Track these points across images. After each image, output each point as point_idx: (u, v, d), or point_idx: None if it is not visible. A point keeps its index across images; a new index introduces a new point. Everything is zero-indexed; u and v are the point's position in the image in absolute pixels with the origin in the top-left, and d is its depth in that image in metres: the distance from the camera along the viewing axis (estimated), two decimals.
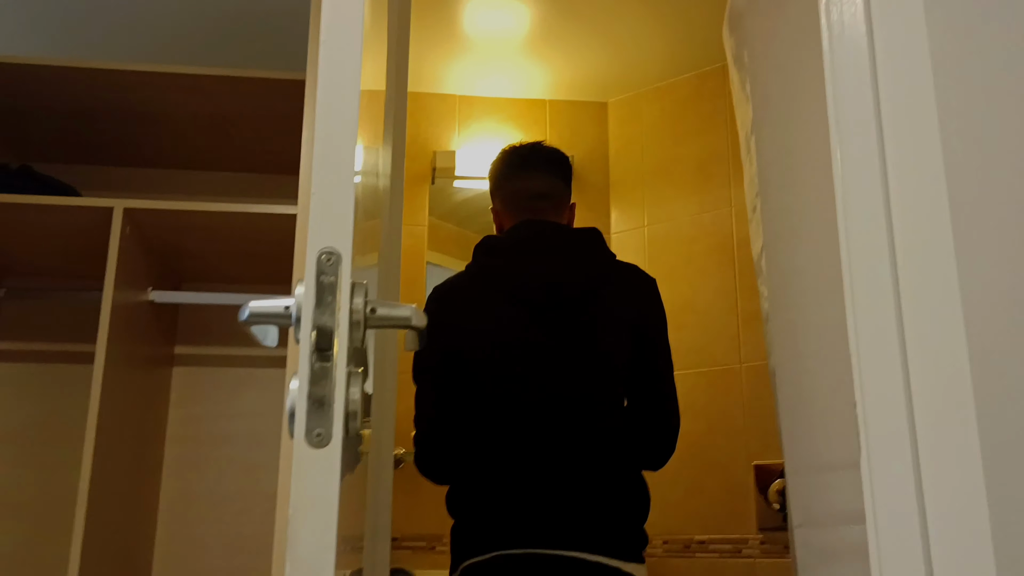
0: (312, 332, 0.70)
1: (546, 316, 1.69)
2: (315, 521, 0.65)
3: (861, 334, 0.99)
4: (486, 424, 1.68)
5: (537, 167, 1.87)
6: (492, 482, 1.64)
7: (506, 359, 1.68)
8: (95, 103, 2.11)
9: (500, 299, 1.71)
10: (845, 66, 1.05)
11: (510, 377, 1.67)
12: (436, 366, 1.73)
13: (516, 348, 1.69)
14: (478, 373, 1.69)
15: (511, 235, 1.79)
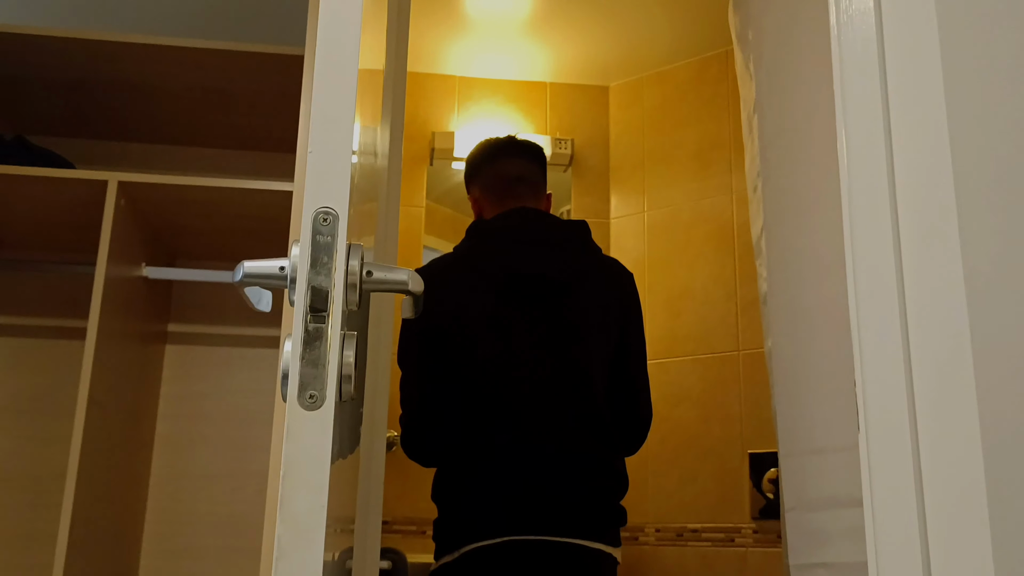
0: (307, 292, 0.68)
1: (533, 304, 1.72)
2: (308, 481, 0.64)
3: (862, 314, 0.98)
4: (474, 408, 1.68)
5: (513, 153, 1.92)
6: (484, 468, 1.65)
7: (493, 344, 1.70)
8: (92, 75, 2.09)
9: (489, 284, 1.73)
10: (853, 42, 1.03)
11: (496, 362, 1.69)
12: (422, 346, 1.73)
13: (503, 333, 1.70)
14: (464, 357, 1.70)
15: (503, 222, 1.81)
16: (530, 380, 1.68)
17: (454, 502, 1.68)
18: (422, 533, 2.63)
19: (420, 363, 1.73)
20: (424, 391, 1.73)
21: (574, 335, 1.72)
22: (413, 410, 1.74)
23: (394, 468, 2.68)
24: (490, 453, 1.64)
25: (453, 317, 1.71)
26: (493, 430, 1.65)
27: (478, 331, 1.70)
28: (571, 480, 1.64)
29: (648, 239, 2.96)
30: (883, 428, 0.94)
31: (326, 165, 0.70)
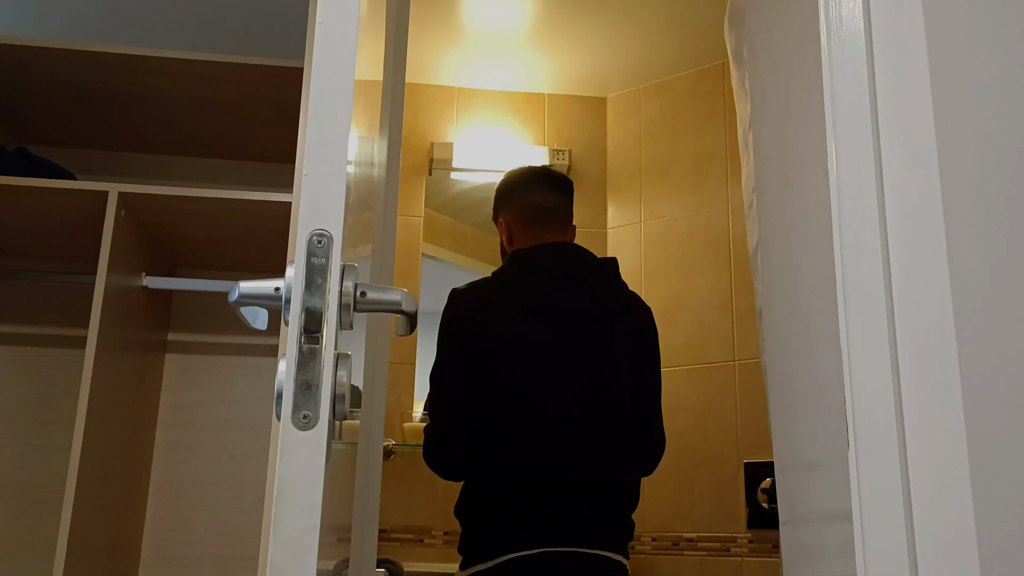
0: (301, 314, 0.69)
1: (571, 336, 1.85)
2: (300, 502, 0.65)
3: (851, 330, 0.99)
4: (513, 431, 1.78)
5: (547, 185, 2.03)
6: (523, 487, 1.75)
7: (534, 372, 1.81)
8: (93, 86, 2.10)
9: (533, 315, 1.84)
10: (843, 63, 1.05)
11: (537, 389, 1.80)
12: (466, 368, 1.81)
13: (544, 362, 1.82)
14: (506, 382, 1.80)
15: (546, 255, 1.92)
16: (567, 407, 1.80)
17: (491, 516, 1.76)
18: (419, 541, 2.64)
19: (462, 383, 1.82)
20: (463, 410, 1.81)
21: (605, 367, 1.86)
22: (449, 427, 1.82)
23: (392, 477, 2.70)
24: (529, 474, 1.75)
25: (499, 343, 1.82)
26: (533, 453, 1.76)
27: (521, 358, 1.81)
28: (599, 499, 1.78)
29: (645, 249, 2.97)
30: (872, 444, 0.95)
31: (320, 188, 0.71)
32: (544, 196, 2.00)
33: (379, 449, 1.55)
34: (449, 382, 1.83)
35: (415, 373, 2.83)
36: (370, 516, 1.46)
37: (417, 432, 2.74)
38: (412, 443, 2.73)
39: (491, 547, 1.74)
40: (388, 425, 2.70)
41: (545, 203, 1.99)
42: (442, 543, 2.68)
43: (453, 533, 2.68)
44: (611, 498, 1.81)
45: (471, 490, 1.82)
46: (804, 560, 1.46)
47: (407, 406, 2.80)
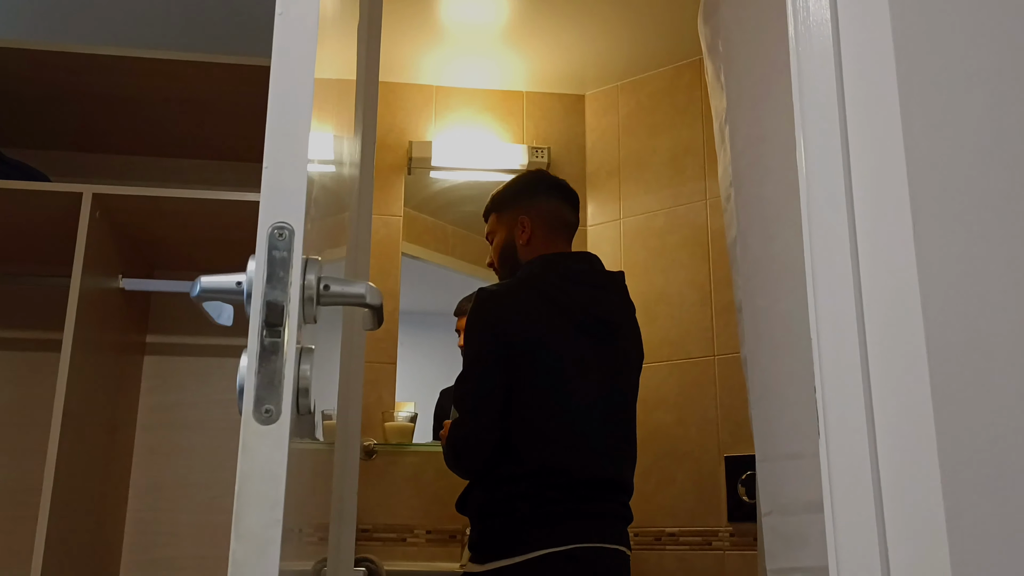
0: (262, 307, 0.69)
1: (598, 342, 1.95)
2: (262, 496, 0.64)
3: (821, 322, 0.99)
4: (547, 431, 1.85)
5: (569, 200, 2.14)
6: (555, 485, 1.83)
7: (569, 375, 1.90)
8: (67, 87, 2.09)
9: (568, 320, 1.93)
10: (810, 54, 1.05)
11: (570, 392, 1.89)
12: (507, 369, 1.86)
13: (576, 366, 1.91)
14: (543, 384, 1.87)
15: (575, 264, 2.04)
16: (594, 409, 1.91)
17: (518, 513, 1.82)
18: (402, 540, 2.63)
19: (499, 382, 1.86)
20: (497, 408, 1.85)
21: (623, 372, 2.00)
22: (483, 424, 1.86)
23: (373, 476, 2.69)
24: (560, 472, 1.83)
25: (538, 344, 1.89)
26: (563, 452, 1.85)
27: (557, 360, 1.89)
28: (615, 497, 1.92)
29: (624, 245, 2.97)
30: (842, 434, 0.96)
31: (281, 180, 0.71)
32: (568, 211, 2.11)
33: (356, 448, 1.54)
34: (487, 380, 1.87)
35: (396, 372, 2.83)
36: (347, 515, 1.45)
37: (398, 431, 2.74)
38: (394, 442, 2.73)
39: (521, 543, 1.79)
40: (369, 424, 2.69)
41: (569, 220, 2.11)
42: (425, 542, 2.67)
43: (436, 531, 2.68)
44: (622, 496, 1.94)
45: (497, 487, 1.86)
46: (787, 550, 1.46)
47: (388, 405, 2.79)
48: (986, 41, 0.99)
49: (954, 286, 0.93)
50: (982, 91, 0.98)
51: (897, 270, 0.94)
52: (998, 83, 0.98)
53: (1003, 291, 0.93)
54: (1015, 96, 0.98)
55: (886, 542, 0.91)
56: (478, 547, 1.88)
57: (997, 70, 0.98)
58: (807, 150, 1.04)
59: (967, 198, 0.95)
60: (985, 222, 0.94)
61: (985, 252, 0.94)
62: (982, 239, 0.94)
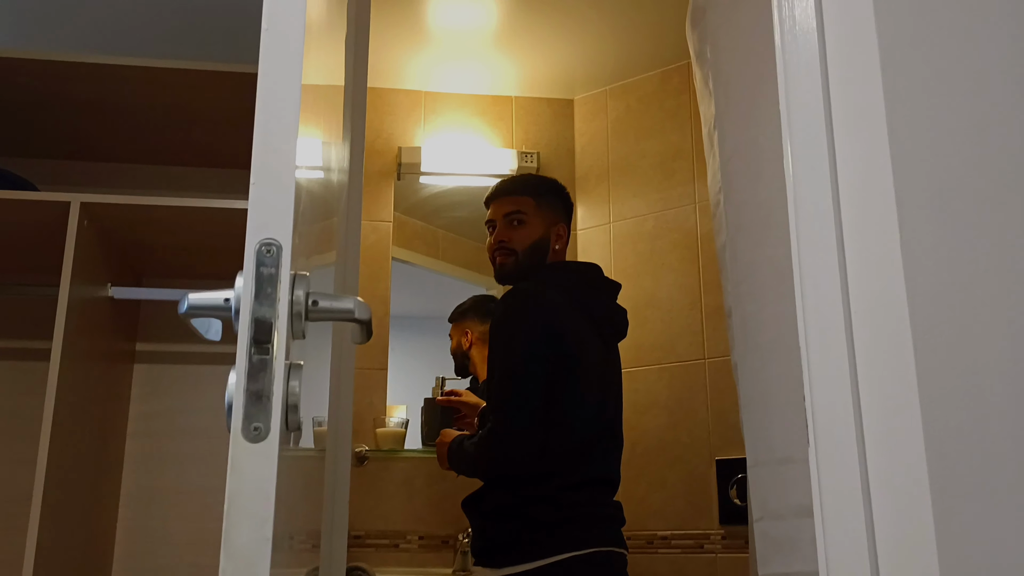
0: (250, 324, 0.69)
1: (609, 350, 2.04)
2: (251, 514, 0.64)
3: (809, 327, 1.00)
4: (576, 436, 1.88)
5: None
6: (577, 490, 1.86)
7: (595, 381, 1.95)
8: (53, 95, 2.08)
9: (594, 328, 2.00)
10: (796, 60, 1.05)
11: (596, 397, 1.94)
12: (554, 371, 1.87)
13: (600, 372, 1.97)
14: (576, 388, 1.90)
15: (595, 272, 2.10)
16: (610, 413, 1.98)
17: (541, 516, 1.82)
18: (395, 547, 2.63)
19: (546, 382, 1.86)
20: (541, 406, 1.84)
21: (618, 378, 2.07)
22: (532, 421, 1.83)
23: (365, 482, 2.69)
24: (584, 475, 1.87)
25: (580, 349, 1.93)
26: (588, 456, 1.90)
27: (589, 365, 1.94)
28: (616, 500, 1.98)
29: (614, 249, 2.98)
30: (831, 439, 0.96)
31: (268, 197, 0.71)
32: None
33: (347, 455, 1.54)
34: (536, 382, 1.84)
35: (387, 378, 2.82)
36: (339, 523, 1.45)
37: (390, 437, 2.73)
38: (386, 448, 2.72)
39: (540, 546, 1.79)
40: (361, 431, 2.69)
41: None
42: (417, 547, 2.67)
43: (429, 537, 2.68)
44: (614, 496, 1.99)
45: (517, 489, 1.84)
46: (778, 555, 1.47)
47: (380, 411, 2.79)
48: (971, 47, 1.00)
49: (941, 291, 0.93)
50: (967, 96, 0.98)
51: (884, 275, 0.95)
52: (983, 88, 0.98)
53: (990, 296, 0.93)
54: (999, 101, 0.98)
55: (875, 546, 0.91)
56: (491, 552, 1.84)
57: (982, 75, 0.99)
58: (794, 156, 1.04)
59: (953, 203, 0.96)
60: (971, 226, 0.95)
61: (972, 256, 0.94)
62: (969, 244, 0.95)
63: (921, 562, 0.88)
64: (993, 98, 0.98)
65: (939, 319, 0.92)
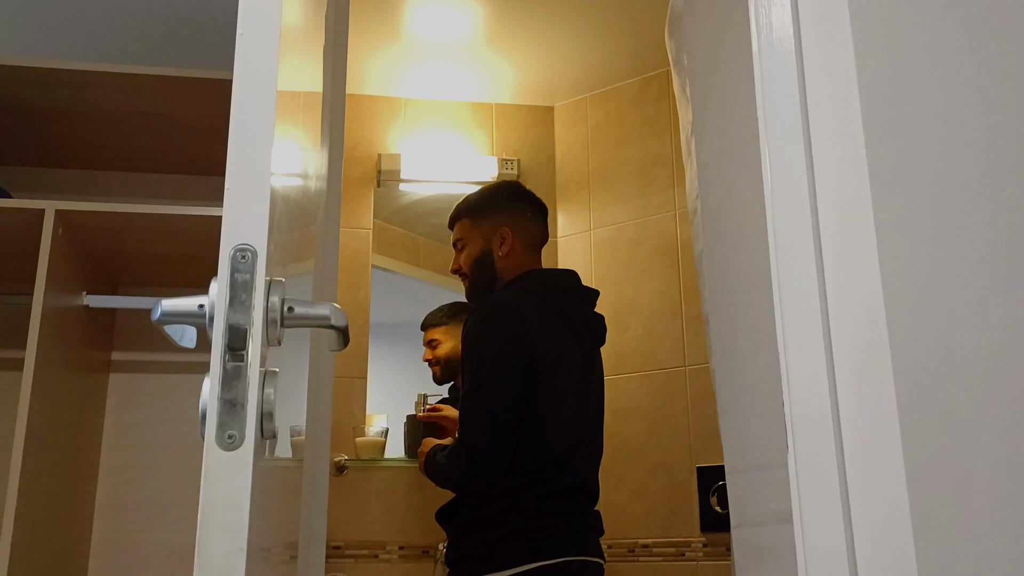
0: (224, 331, 0.68)
1: (587, 356, 2.01)
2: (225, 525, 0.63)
3: (788, 334, 1.00)
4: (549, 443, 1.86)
5: (545, 217, 2.18)
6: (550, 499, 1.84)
7: (571, 387, 1.93)
8: (28, 102, 2.06)
9: (570, 333, 1.97)
10: (773, 67, 1.06)
11: (571, 403, 1.92)
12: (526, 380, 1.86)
13: (576, 378, 1.95)
14: (547, 396, 1.88)
15: (569, 278, 2.09)
16: (585, 422, 1.96)
17: (512, 526, 1.81)
18: (374, 557, 2.61)
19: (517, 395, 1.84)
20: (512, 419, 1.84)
21: (597, 386, 2.04)
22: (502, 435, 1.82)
23: (345, 493, 2.67)
24: (557, 485, 1.85)
25: (556, 359, 1.91)
26: (560, 465, 1.87)
27: (562, 374, 1.91)
28: (592, 508, 1.95)
29: (594, 256, 2.98)
30: (810, 445, 0.96)
31: (242, 202, 0.70)
32: (545, 231, 2.16)
33: (325, 465, 1.53)
34: (507, 393, 1.83)
35: (367, 387, 2.81)
36: (317, 533, 1.44)
37: (370, 446, 2.72)
38: (365, 458, 2.71)
39: (510, 556, 1.78)
40: (341, 440, 2.67)
41: (545, 236, 2.16)
42: (397, 558, 2.65)
43: (408, 547, 2.66)
44: (593, 505, 1.97)
45: (492, 499, 1.84)
46: (756, 562, 1.47)
47: (359, 420, 2.77)
48: (945, 51, 1.00)
49: (918, 294, 0.93)
50: (943, 101, 0.99)
51: (862, 281, 0.95)
52: (957, 92, 0.99)
53: (966, 301, 0.94)
54: (974, 104, 0.99)
55: (854, 552, 0.91)
56: (462, 562, 1.85)
57: (956, 80, 0.99)
58: (772, 162, 1.05)
59: (929, 206, 0.96)
60: (948, 230, 0.95)
61: (948, 260, 0.95)
62: (945, 247, 0.95)
63: (900, 567, 0.88)
64: (967, 102, 0.99)
65: (916, 323, 0.92)
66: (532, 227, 2.11)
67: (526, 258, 2.06)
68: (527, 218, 2.10)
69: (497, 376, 1.84)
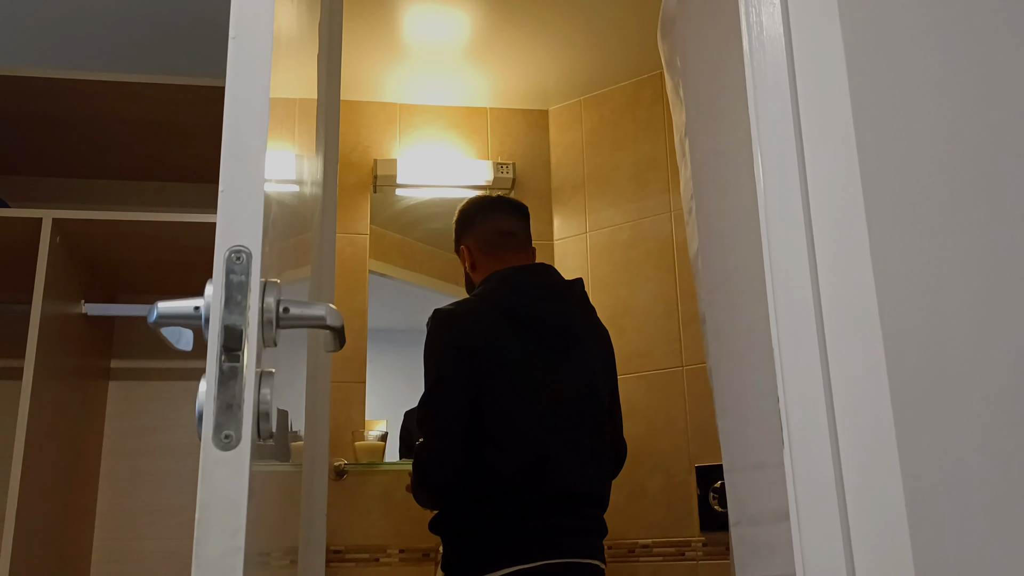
0: (220, 332, 0.68)
1: (558, 352, 1.94)
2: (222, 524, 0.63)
3: (782, 332, 1.00)
4: (511, 445, 1.84)
5: (505, 210, 2.13)
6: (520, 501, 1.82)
7: (529, 387, 1.88)
8: (23, 111, 2.06)
9: (524, 332, 1.92)
10: (764, 67, 1.06)
11: (531, 403, 1.87)
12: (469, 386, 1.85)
13: (536, 377, 1.90)
14: (504, 398, 1.86)
15: (526, 276, 2.00)
16: (559, 422, 1.89)
17: (488, 531, 1.81)
18: (375, 560, 2.61)
19: (463, 403, 1.85)
20: (460, 429, 1.84)
21: (588, 381, 1.96)
22: (446, 445, 1.84)
23: (345, 496, 2.67)
24: (528, 489, 1.82)
25: (498, 361, 1.87)
26: (531, 468, 1.83)
27: (518, 376, 1.88)
28: (586, 511, 1.89)
29: (590, 259, 2.99)
30: (806, 444, 0.96)
31: (237, 203, 0.70)
32: (504, 220, 2.09)
33: (324, 468, 1.53)
34: (451, 400, 1.85)
35: (365, 391, 2.81)
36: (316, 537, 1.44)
37: (369, 450, 2.72)
38: (364, 462, 2.71)
39: (489, 561, 1.78)
40: (339, 444, 2.68)
41: (506, 227, 2.09)
42: (398, 561, 2.65)
43: (409, 551, 2.66)
44: (594, 508, 1.92)
45: (466, 506, 1.84)
46: (755, 560, 1.47)
47: (358, 424, 2.77)
48: (936, 51, 1.01)
49: (910, 294, 0.94)
50: (933, 100, 1.00)
51: (855, 280, 0.95)
52: (948, 91, 1.00)
53: (958, 299, 0.94)
54: (965, 103, 0.99)
55: (851, 549, 0.91)
56: (448, 568, 1.87)
57: (947, 78, 1.00)
58: (764, 163, 1.05)
59: (922, 205, 0.96)
60: (940, 229, 0.96)
61: (941, 258, 0.95)
62: (938, 246, 0.95)
63: (897, 564, 0.88)
64: (957, 99, 1.00)
65: (910, 320, 0.93)
66: (483, 228, 2.09)
67: (492, 261, 2.06)
68: (477, 223, 2.11)
69: (438, 387, 1.87)
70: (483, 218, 2.11)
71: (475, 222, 2.11)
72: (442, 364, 1.88)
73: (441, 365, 1.88)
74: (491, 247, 2.07)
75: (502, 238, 2.08)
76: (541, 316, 1.94)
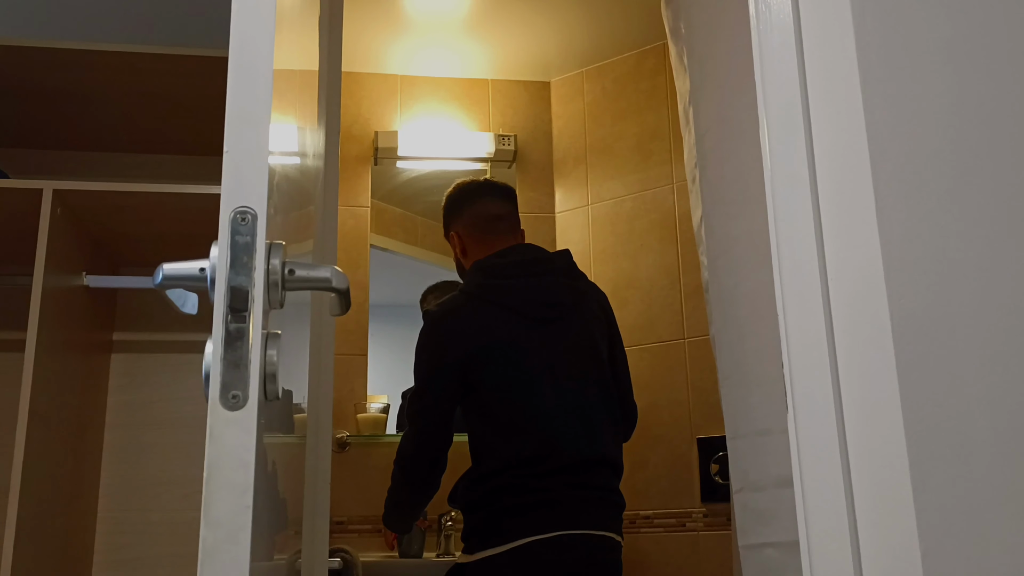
0: (226, 293, 0.68)
1: (547, 326, 1.95)
2: (232, 483, 0.64)
3: (787, 300, 1.00)
4: (511, 424, 1.88)
5: (491, 194, 2.15)
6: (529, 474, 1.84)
7: (520, 365, 1.91)
8: (25, 83, 2.05)
9: (508, 314, 1.94)
10: (771, 35, 1.06)
11: (524, 380, 1.89)
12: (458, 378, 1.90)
13: (527, 354, 1.92)
14: (496, 379, 1.90)
15: (505, 259, 2.02)
16: (560, 392, 1.90)
17: (502, 504, 1.84)
18: (377, 531, 2.63)
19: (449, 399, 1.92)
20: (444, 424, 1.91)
21: (584, 350, 1.97)
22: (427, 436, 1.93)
23: (347, 468, 2.68)
24: (537, 460, 1.85)
25: (493, 348, 1.91)
26: (537, 440, 1.86)
27: (510, 357, 1.91)
28: (600, 478, 1.90)
29: (593, 231, 2.98)
30: (810, 410, 0.97)
31: (242, 164, 0.70)
32: (492, 204, 2.11)
33: (328, 439, 1.54)
34: (438, 398, 1.92)
35: (367, 364, 2.82)
36: (321, 507, 1.45)
37: (371, 423, 2.73)
38: (367, 434, 2.72)
39: (506, 531, 1.81)
40: (342, 416, 2.68)
41: (493, 210, 2.11)
42: None
43: None
44: (609, 476, 1.93)
45: (479, 483, 1.89)
46: (758, 525, 1.48)
47: (360, 397, 2.78)
48: (946, 18, 1.00)
49: (917, 261, 0.94)
50: (942, 67, 0.99)
51: (861, 247, 0.95)
52: (958, 59, 0.99)
53: (965, 266, 0.94)
54: (973, 69, 0.99)
55: (855, 514, 0.92)
56: (467, 539, 1.91)
57: (957, 47, 0.99)
58: (770, 129, 1.04)
59: (929, 174, 0.96)
60: (947, 198, 0.96)
61: (947, 228, 0.95)
62: (944, 215, 0.95)
63: (900, 528, 0.88)
64: (966, 70, 0.99)
65: (915, 289, 0.93)
66: (477, 213, 2.12)
67: (481, 246, 2.08)
68: (464, 208, 2.13)
69: (426, 384, 1.94)
70: (471, 204, 2.13)
71: (463, 208, 2.13)
72: (428, 366, 1.95)
73: (427, 367, 1.95)
74: (480, 232, 2.09)
75: (491, 223, 2.10)
76: (524, 295, 1.96)
